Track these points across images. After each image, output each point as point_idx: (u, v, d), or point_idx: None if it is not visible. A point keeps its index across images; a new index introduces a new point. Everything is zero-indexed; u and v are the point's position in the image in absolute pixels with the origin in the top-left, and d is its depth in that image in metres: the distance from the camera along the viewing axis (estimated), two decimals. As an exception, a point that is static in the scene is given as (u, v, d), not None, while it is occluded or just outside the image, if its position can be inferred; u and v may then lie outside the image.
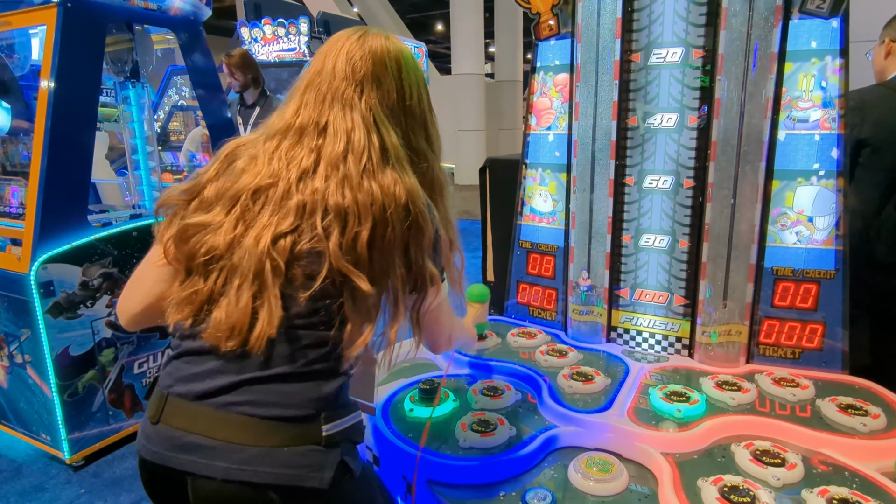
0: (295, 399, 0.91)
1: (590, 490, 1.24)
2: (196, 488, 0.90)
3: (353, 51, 0.99)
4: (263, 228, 0.90)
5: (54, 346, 2.33)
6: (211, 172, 0.99)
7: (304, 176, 0.93)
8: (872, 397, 1.53)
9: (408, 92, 1.03)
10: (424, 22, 19.77)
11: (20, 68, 2.79)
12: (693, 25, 1.72)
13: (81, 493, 2.35)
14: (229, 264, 0.91)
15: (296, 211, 0.90)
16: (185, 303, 0.93)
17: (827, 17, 1.59)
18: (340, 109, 0.97)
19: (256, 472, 0.87)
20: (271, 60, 6.80)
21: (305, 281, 0.89)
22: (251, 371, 0.90)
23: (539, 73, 2.04)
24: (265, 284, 0.88)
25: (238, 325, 0.88)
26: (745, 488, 1.16)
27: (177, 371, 0.94)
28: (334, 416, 0.93)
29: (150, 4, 2.71)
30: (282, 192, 0.92)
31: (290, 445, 0.89)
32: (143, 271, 1.01)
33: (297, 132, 0.97)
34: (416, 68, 1.05)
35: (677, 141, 1.78)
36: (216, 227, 0.92)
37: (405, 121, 1.03)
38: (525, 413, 1.53)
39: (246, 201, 0.93)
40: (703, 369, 1.75)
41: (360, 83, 0.98)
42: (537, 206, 2.10)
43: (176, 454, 0.90)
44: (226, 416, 0.89)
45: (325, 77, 0.99)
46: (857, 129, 2.05)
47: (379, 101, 0.99)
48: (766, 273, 1.73)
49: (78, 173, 2.44)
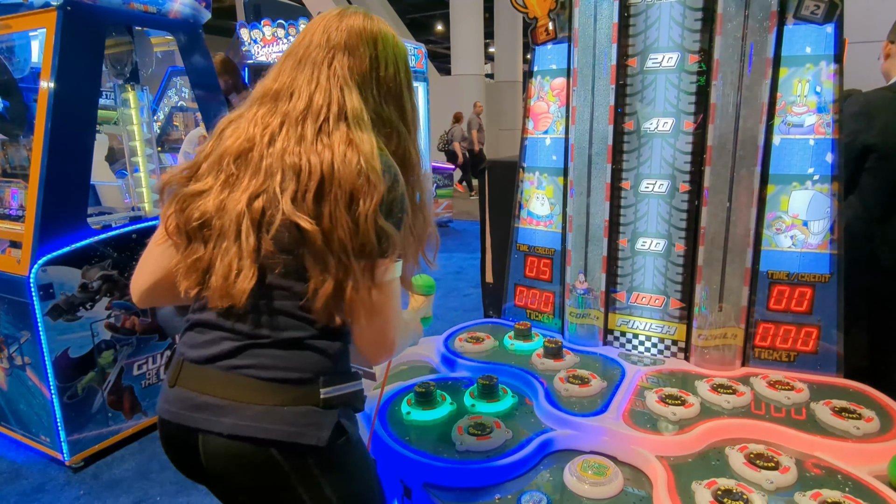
0: (294, 363, 0.97)
1: (585, 493, 1.25)
2: (206, 443, 0.97)
3: (331, 24, 1.04)
4: (242, 192, 0.96)
5: (54, 348, 2.35)
6: (207, 148, 1.04)
7: (272, 139, 0.97)
8: (866, 400, 1.54)
9: (383, 64, 1.05)
10: (424, 22, 19.78)
11: (20, 71, 2.80)
12: (689, 30, 1.72)
13: (81, 495, 2.36)
14: (217, 228, 0.97)
15: (265, 172, 0.96)
16: (191, 270, 0.99)
17: (821, 22, 1.60)
18: (309, 73, 1.01)
19: (259, 427, 0.94)
20: (271, 61, 6.81)
21: (275, 236, 0.94)
22: (254, 338, 0.97)
23: (536, 78, 2.05)
24: (242, 243, 0.94)
25: (227, 285, 0.94)
26: (739, 492, 1.17)
27: (190, 340, 1.02)
28: (333, 381, 0.99)
29: (149, 7, 2.72)
30: (257, 155, 0.97)
31: (290, 405, 0.96)
32: (148, 251, 1.09)
33: (272, 97, 1.02)
34: (395, 45, 1.08)
35: (673, 145, 1.79)
36: (207, 192, 0.99)
37: (376, 90, 1.05)
38: (521, 416, 1.54)
39: (229, 166, 0.98)
40: (698, 372, 1.76)
41: (332, 50, 1.02)
42: (534, 210, 2.11)
43: (190, 413, 0.97)
44: (233, 378, 0.96)
45: (301, 46, 1.04)
46: (864, 135, 2.01)
47: (349, 67, 1.02)
48: (761, 276, 1.74)
49: (77, 176, 2.45)
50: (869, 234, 2.10)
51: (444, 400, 1.57)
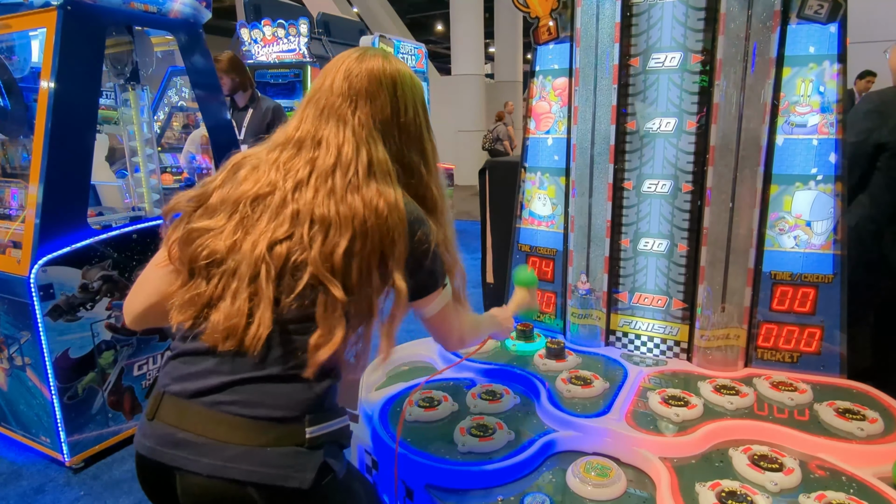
0: (281, 400, 0.94)
1: (588, 494, 1.25)
2: (183, 483, 0.94)
3: (351, 68, 1.04)
4: (261, 235, 0.94)
5: (54, 348, 2.34)
6: (217, 181, 1.03)
7: (299, 186, 0.97)
8: (870, 401, 1.53)
9: (402, 108, 1.06)
10: (424, 22, 19.78)
11: (20, 71, 2.79)
12: (691, 30, 1.72)
13: (81, 496, 2.36)
14: (229, 268, 0.95)
15: (290, 219, 0.95)
16: (189, 304, 0.97)
17: (825, 22, 1.59)
18: (335, 124, 1.01)
19: (239, 469, 0.90)
20: (271, 61, 6.81)
21: (294, 286, 0.93)
22: (242, 372, 0.94)
23: (538, 77, 2.04)
24: (260, 288, 0.92)
25: (234, 327, 0.92)
26: (743, 493, 1.17)
27: (174, 370, 0.98)
28: (319, 419, 0.96)
29: (149, 7, 2.71)
30: (279, 200, 0.96)
31: (273, 445, 0.92)
32: (147, 272, 1.06)
33: (296, 145, 1.02)
34: (413, 87, 1.08)
35: (676, 145, 1.79)
36: (218, 231, 0.97)
37: (399, 136, 1.06)
38: (523, 417, 1.54)
39: (246, 208, 0.97)
40: (701, 373, 1.76)
41: (355, 99, 1.02)
42: (536, 210, 2.11)
43: (167, 449, 0.94)
44: (215, 415, 0.92)
45: (323, 93, 1.04)
46: (877, 133, 1.97)
47: (372, 116, 1.03)
48: (764, 277, 1.73)
49: (78, 176, 2.44)
50: (879, 233, 2.08)
51: (445, 401, 1.56)
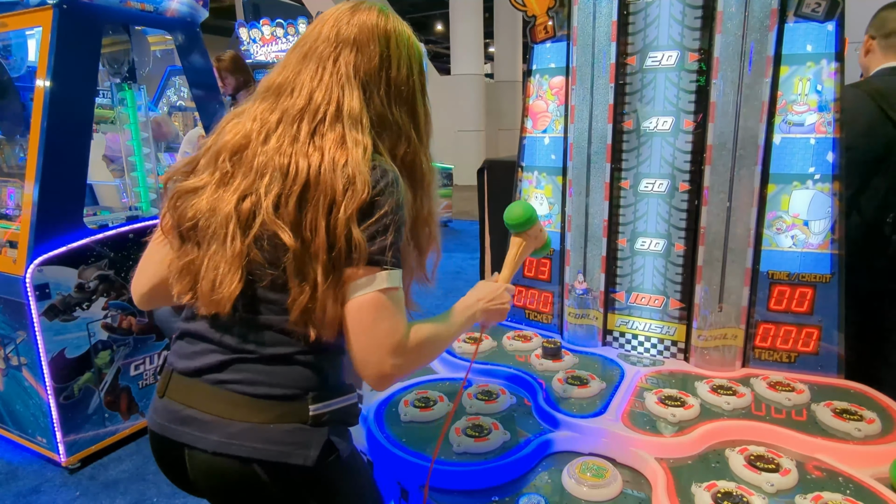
0: (281, 378, 0.93)
1: (584, 495, 1.24)
2: (192, 459, 0.94)
3: (342, 17, 0.99)
4: (233, 192, 0.91)
5: (50, 348, 2.33)
6: (209, 143, 1.00)
7: (268, 136, 0.93)
8: (868, 402, 1.52)
9: (395, 63, 0.99)
10: (424, 22, 19.78)
11: (16, 69, 2.79)
12: (689, 29, 1.71)
13: (77, 496, 2.35)
14: (209, 230, 0.92)
15: (255, 171, 0.91)
16: (184, 273, 0.95)
17: (822, 20, 1.58)
18: (314, 68, 0.96)
19: (243, 446, 0.90)
20: (270, 61, 6.81)
21: (258, 243, 0.90)
22: (241, 352, 0.93)
23: (535, 76, 2.04)
24: (227, 247, 0.90)
25: (211, 291, 0.90)
26: (739, 494, 1.16)
27: (180, 349, 1.00)
28: (323, 397, 0.95)
29: (146, 6, 2.71)
30: (251, 152, 0.92)
31: (277, 422, 0.91)
32: (149, 249, 1.05)
33: (274, 91, 0.97)
34: (410, 46, 1.01)
35: (673, 144, 1.78)
36: (202, 189, 0.94)
37: (385, 91, 0.98)
38: (520, 417, 1.53)
39: (225, 163, 0.94)
40: (698, 373, 1.75)
41: (339, 45, 0.96)
42: (533, 209, 2.09)
43: (176, 426, 0.95)
44: (218, 392, 0.93)
45: (309, 39, 0.99)
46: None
47: (355, 65, 0.96)
48: (761, 277, 1.73)
49: (74, 175, 2.44)
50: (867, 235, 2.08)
51: (441, 401, 1.55)
